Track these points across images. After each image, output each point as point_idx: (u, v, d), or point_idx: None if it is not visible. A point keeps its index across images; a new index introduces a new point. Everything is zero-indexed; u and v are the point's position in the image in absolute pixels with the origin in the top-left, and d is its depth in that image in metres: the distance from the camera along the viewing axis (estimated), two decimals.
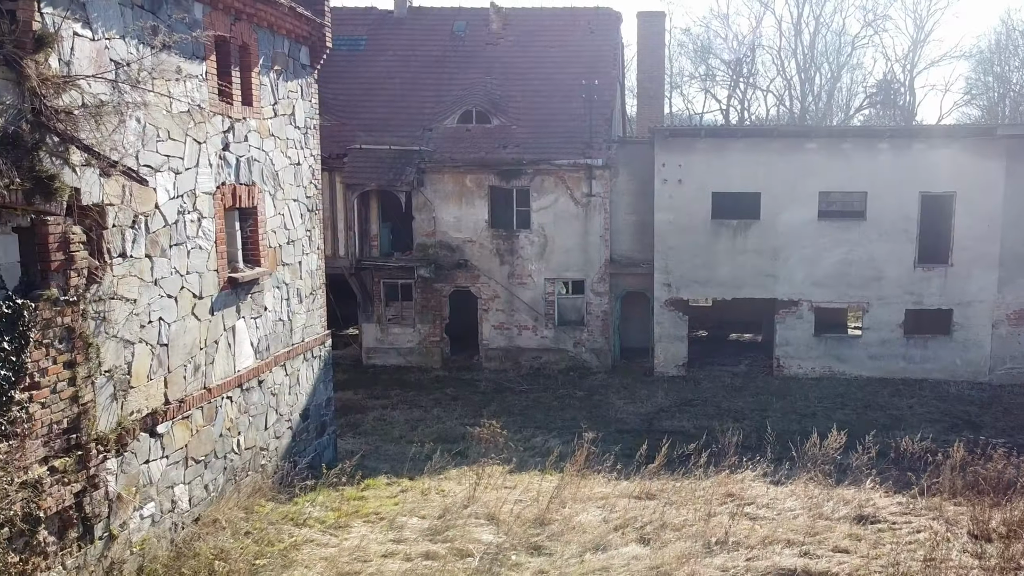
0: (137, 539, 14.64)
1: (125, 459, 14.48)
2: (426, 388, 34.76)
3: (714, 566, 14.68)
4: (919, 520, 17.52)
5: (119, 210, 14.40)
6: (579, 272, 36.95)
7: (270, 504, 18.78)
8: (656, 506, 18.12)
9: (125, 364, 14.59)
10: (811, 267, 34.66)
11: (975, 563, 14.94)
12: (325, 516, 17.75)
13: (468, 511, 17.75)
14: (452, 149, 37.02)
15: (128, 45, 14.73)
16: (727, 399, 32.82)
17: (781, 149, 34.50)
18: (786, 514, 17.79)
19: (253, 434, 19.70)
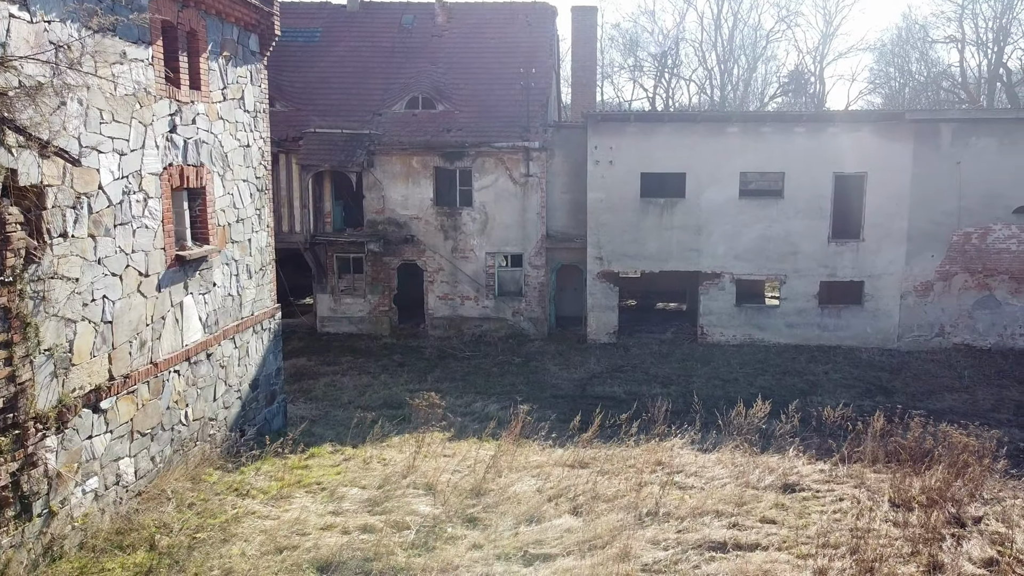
0: (79, 514, 13.53)
1: (66, 436, 13.34)
2: (375, 355, 33.74)
3: (646, 539, 13.71)
4: (842, 488, 16.71)
5: (59, 191, 13.21)
6: (518, 247, 35.99)
7: (217, 473, 17.70)
8: (589, 475, 17.19)
9: (66, 342, 13.43)
10: (732, 242, 33.95)
11: (899, 533, 14.20)
12: (268, 486, 16.65)
13: (407, 481, 16.74)
14: (400, 133, 35.85)
15: (68, 28, 13.53)
16: (655, 365, 32.08)
17: (704, 133, 33.69)
18: (714, 483, 16.91)
19: (202, 405, 18.57)
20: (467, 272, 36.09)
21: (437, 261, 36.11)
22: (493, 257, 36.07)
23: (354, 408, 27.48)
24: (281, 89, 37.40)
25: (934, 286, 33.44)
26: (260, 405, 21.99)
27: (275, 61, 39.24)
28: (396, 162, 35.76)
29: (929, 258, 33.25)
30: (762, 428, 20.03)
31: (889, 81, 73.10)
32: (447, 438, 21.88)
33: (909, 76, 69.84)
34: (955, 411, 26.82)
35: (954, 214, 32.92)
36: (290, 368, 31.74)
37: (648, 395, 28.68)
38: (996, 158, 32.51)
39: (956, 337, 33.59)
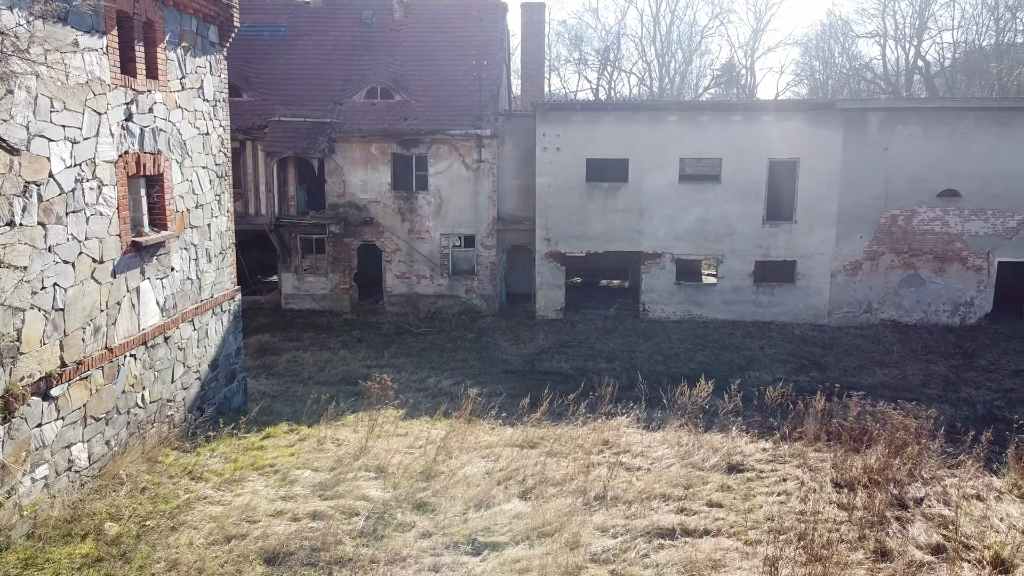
0: (27, 503, 12.59)
1: (13, 425, 12.36)
2: (336, 331, 32.78)
3: (594, 525, 12.89)
4: (785, 468, 16.06)
5: (5, 179, 12.20)
6: (470, 228, 35.09)
7: (174, 454, 16.71)
8: (538, 456, 16.41)
9: (14, 331, 12.42)
10: (672, 224, 33.27)
11: (844, 516, 13.52)
12: (223, 468, 15.70)
13: (359, 463, 15.87)
14: (360, 121, 34.76)
15: (15, 15, 12.48)
16: (600, 340, 31.40)
17: (646, 121, 32.91)
18: (661, 464, 16.20)
19: (159, 387, 17.60)
20: (423, 252, 35.17)
21: (395, 242, 35.14)
22: (447, 238, 35.14)
23: (313, 384, 26.61)
24: (248, 80, 36.17)
25: (862, 265, 33.00)
26: (220, 384, 21.03)
27: (242, 54, 38.07)
28: (356, 149, 34.69)
29: (858, 239, 32.79)
30: (705, 407, 19.38)
31: (813, 74, 72.82)
32: (400, 416, 21.09)
33: (833, 69, 69.46)
34: (886, 386, 26.41)
35: (881, 197, 32.45)
36: (254, 344, 30.78)
37: (594, 371, 28.08)
38: (921, 145, 32.04)
39: (883, 313, 33.21)
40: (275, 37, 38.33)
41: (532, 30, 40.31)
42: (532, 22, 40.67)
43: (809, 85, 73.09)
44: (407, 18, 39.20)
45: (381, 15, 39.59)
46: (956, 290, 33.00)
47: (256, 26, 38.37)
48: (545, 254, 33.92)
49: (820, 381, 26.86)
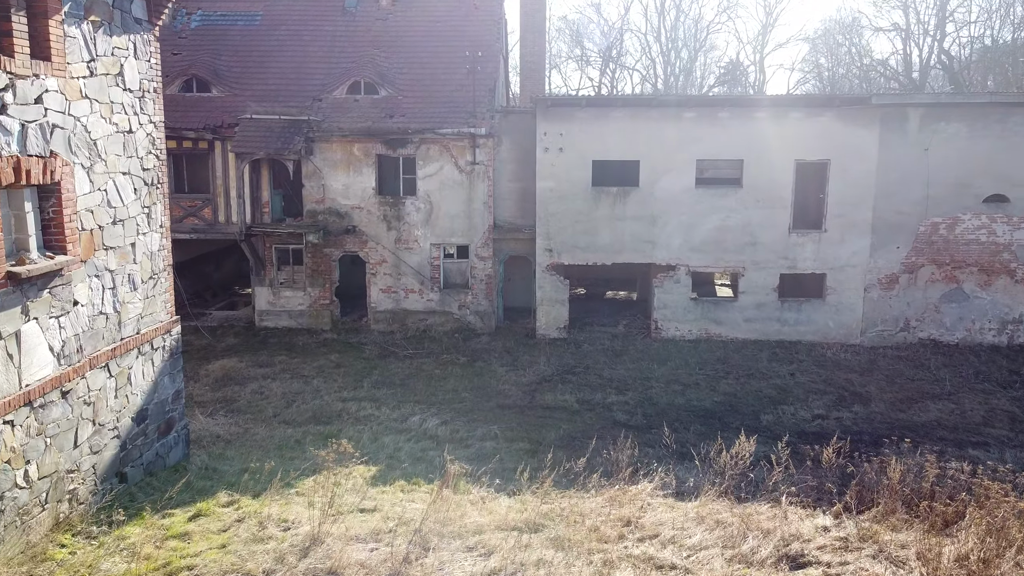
0: None
1: None
2: (312, 353, 28.29)
3: None
4: (858, 560, 11.72)
5: None
6: (464, 237, 30.59)
7: (73, 543, 12.37)
8: (541, 547, 12.01)
9: None
10: (688, 233, 28.83)
11: None
12: (124, 573, 11.40)
13: (305, 566, 11.51)
14: (341, 119, 30.29)
15: None
16: (609, 365, 26.91)
17: (659, 118, 28.47)
18: (699, 557, 11.83)
19: (53, 458, 13.13)
20: (411, 264, 30.73)
21: (380, 252, 30.70)
22: (438, 248, 30.64)
23: (278, 423, 22.16)
24: (218, 74, 31.68)
25: (899, 279, 28.55)
26: (150, 439, 16.55)
27: (213, 45, 33.48)
28: (337, 149, 30.24)
29: (894, 249, 28.34)
30: (746, 464, 14.96)
31: (820, 71, 67.72)
32: (372, 476, 16.64)
33: (840, 65, 64.53)
34: (944, 425, 21.98)
35: (921, 203, 27.99)
36: (217, 372, 26.29)
37: (603, 404, 23.64)
38: (966, 144, 27.56)
39: (922, 332, 28.74)
40: (249, 27, 33.73)
41: (533, 21, 35.68)
42: (533, 12, 36.04)
43: (816, 83, 67.95)
44: (395, 6, 34.44)
45: (366, 3, 34.80)
46: (1003, 306, 28.52)
47: (229, 15, 33.89)
48: (547, 266, 29.48)
49: (866, 418, 22.51)
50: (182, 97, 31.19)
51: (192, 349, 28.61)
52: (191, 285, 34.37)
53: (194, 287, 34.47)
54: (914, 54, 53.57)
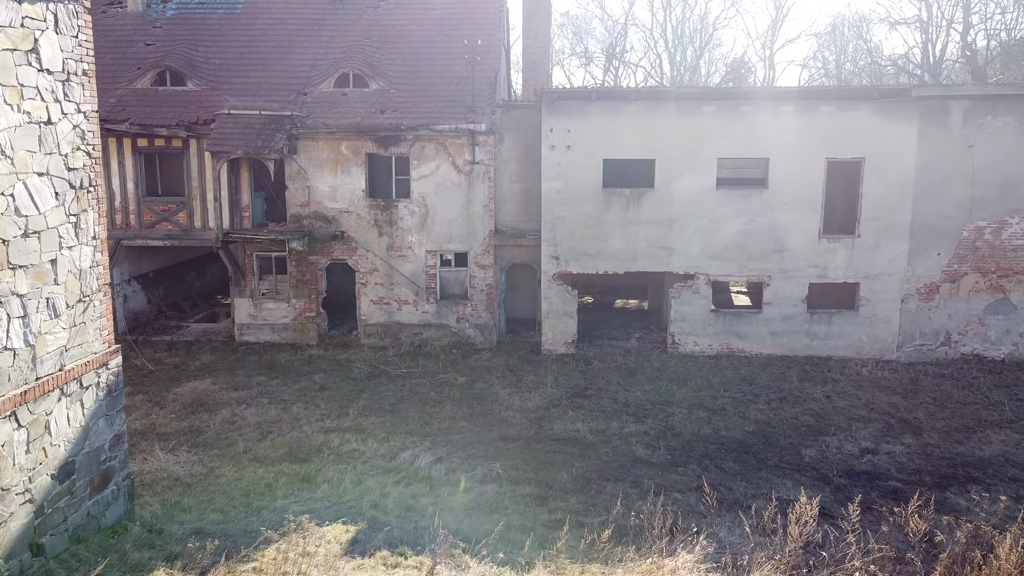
0: None
1: None
2: (295, 373, 24.27)
3: None
4: None
5: None
6: (462, 244, 26.50)
7: None
8: None
9: None
10: (709, 238, 24.82)
11: None
12: None
13: None
14: (327, 114, 26.27)
15: None
16: (623, 386, 22.91)
17: (677, 112, 24.48)
18: None
19: None
20: (405, 273, 26.79)
21: (371, 260, 26.76)
22: (434, 256, 26.55)
23: (249, 461, 18.19)
24: (194, 66, 27.70)
25: (940, 288, 24.62)
26: (78, 498, 12.62)
27: (190, 35, 29.31)
28: (323, 148, 26.27)
29: (935, 256, 24.39)
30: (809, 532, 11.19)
31: (827, 67, 63.00)
32: (348, 542, 12.77)
33: (859, 60, 59.70)
34: (1014, 461, 17.99)
35: (964, 206, 24.03)
36: (187, 395, 22.35)
37: (620, 435, 19.71)
38: (1015, 140, 23.58)
39: (964, 346, 24.78)
40: (230, 15, 29.62)
41: (537, 9, 31.54)
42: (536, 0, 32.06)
43: (824, 81, 62.65)
44: None
45: None
46: None
47: (207, 2, 29.87)
48: (553, 275, 25.54)
49: (920, 452, 18.63)
50: (154, 91, 27.18)
51: (162, 368, 24.66)
52: (168, 294, 30.39)
53: (172, 297, 30.49)
54: (938, 46, 49.51)
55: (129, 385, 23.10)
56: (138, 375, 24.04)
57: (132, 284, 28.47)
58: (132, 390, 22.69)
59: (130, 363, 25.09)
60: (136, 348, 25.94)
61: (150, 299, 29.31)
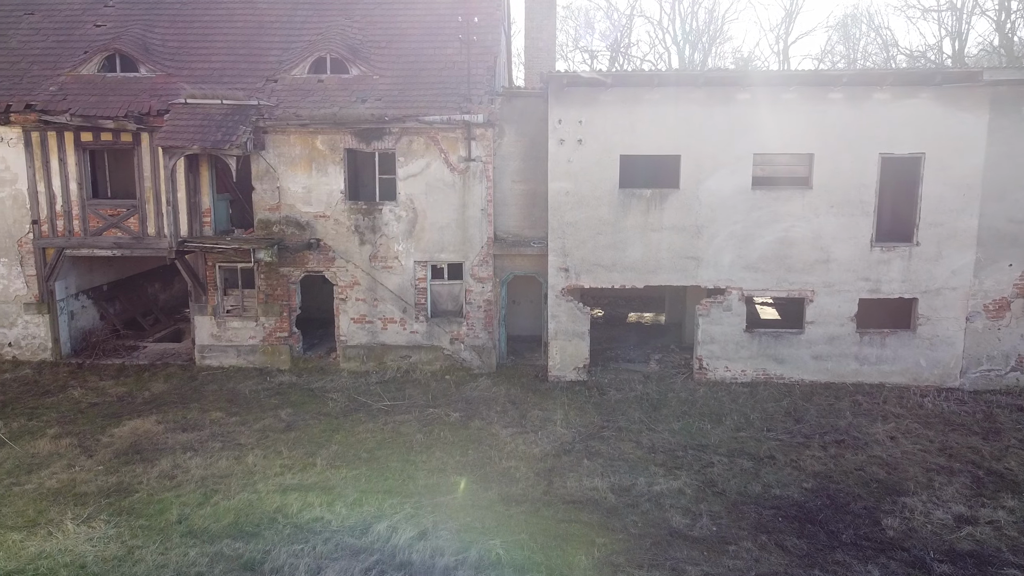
0: None
1: None
2: (258, 407, 18.89)
3: None
4: None
5: None
6: (456, 254, 21.38)
7: None
8: None
9: None
10: (742, 247, 19.80)
11: None
12: None
13: None
14: (299, 104, 21.14)
15: None
16: (647, 424, 17.77)
17: (707, 101, 19.43)
18: None
19: None
20: (390, 287, 21.74)
21: (351, 272, 21.68)
22: (424, 267, 21.43)
23: (181, 536, 13.06)
24: (148, 49, 22.56)
25: (1012, 305, 19.76)
26: None
27: (145, 15, 23.52)
28: (295, 143, 21.16)
29: (1005, 268, 19.40)
30: None
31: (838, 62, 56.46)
32: None
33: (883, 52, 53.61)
34: None
35: None
36: (125, 438, 17.12)
37: (649, 496, 14.72)
38: None
39: None
40: None
41: None
42: None
43: None
44: None
45: None
46: None
47: None
48: (562, 290, 20.54)
49: None
50: (101, 78, 21.97)
51: (104, 402, 19.45)
52: (125, 309, 25.23)
53: (130, 312, 25.37)
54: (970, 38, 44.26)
55: (59, 425, 18.00)
56: (73, 410, 18.92)
57: (80, 299, 23.29)
58: (60, 431, 17.56)
59: (68, 394, 20.10)
60: (77, 376, 20.99)
61: (103, 315, 24.15)
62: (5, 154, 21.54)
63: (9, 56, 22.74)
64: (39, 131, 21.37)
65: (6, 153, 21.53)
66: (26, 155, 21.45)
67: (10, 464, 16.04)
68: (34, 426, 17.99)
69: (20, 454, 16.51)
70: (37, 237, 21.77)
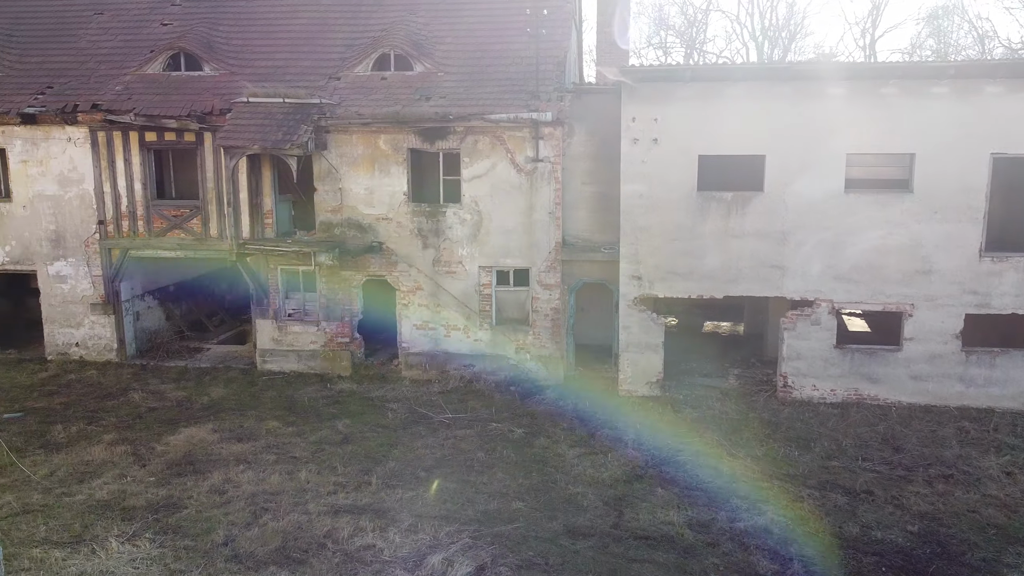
0: None
1: None
2: (316, 416, 17.72)
3: None
4: None
5: None
6: (522, 259, 19.83)
7: None
8: None
9: None
10: (833, 256, 17.68)
11: None
12: None
13: None
14: (361, 102, 19.89)
15: None
16: (727, 448, 15.75)
17: (795, 96, 17.34)
18: None
19: None
20: (454, 293, 20.41)
21: (413, 277, 20.41)
22: (489, 273, 19.95)
23: (225, 561, 11.95)
24: (213, 48, 21.69)
25: None
26: None
27: (210, 14, 22.46)
28: (357, 142, 19.97)
29: None
30: None
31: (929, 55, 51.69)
32: None
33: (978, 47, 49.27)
34: None
35: None
36: (180, 447, 16.10)
37: (730, 533, 12.92)
38: None
39: None
40: None
41: None
42: None
43: None
44: None
45: None
46: None
47: None
48: (634, 299, 18.82)
49: None
50: (166, 77, 21.19)
51: (163, 407, 18.64)
52: (192, 310, 24.56)
53: (195, 313, 24.65)
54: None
55: (116, 430, 17.23)
56: (132, 415, 18.14)
57: (146, 299, 22.63)
58: (116, 437, 16.77)
59: (128, 398, 19.36)
60: (139, 379, 20.26)
61: (169, 316, 23.48)
62: (73, 154, 20.94)
63: (78, 56, 22.15)
64: (105, 131, 20.67)
65: (74, 153, 20.93)
66: (92, 155, 20.81)
67: (64, 471, 15.23)
68: (92, 431, 17.22)
69: (75, 461, 15.74)
70: (103, 237, 21.12)
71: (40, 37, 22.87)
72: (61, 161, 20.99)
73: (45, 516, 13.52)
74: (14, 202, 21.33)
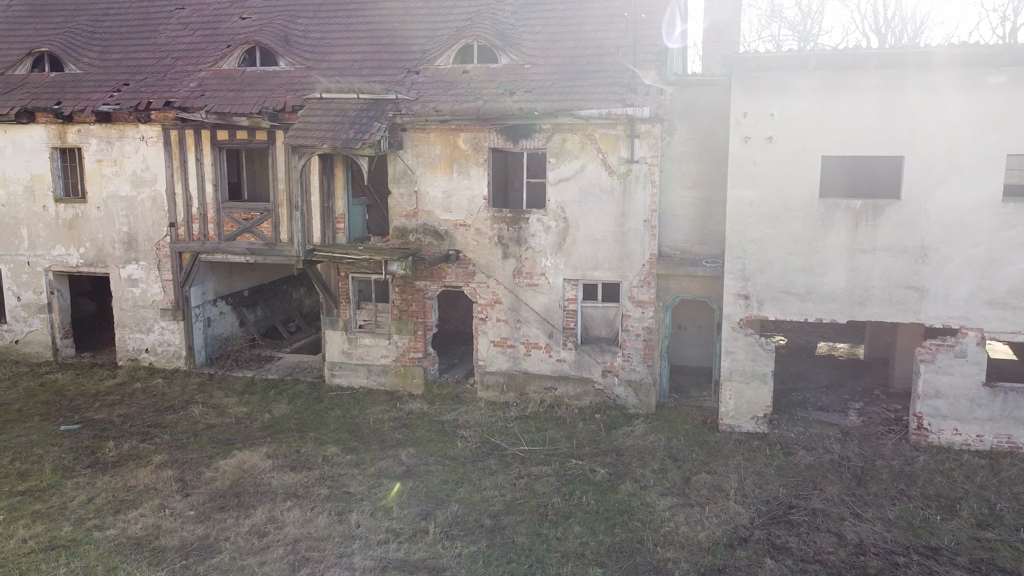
0: None
1: None
2: (380, 443, 15.30)
3: None
4: None
5: None
6: (613, 272, 16.94)
7: None
8: None
9: None
10: (985, 276, 14.25)
11: None
12: None
13: None
14: (440, 97, 17.47)
15: None
16: (851, 508, 12.60)
17: (939, 86, 13.91)
18: None
19: None
20: (535, 307, 17.75)
21: (492, 289, 17.84)
22: (575, 286, 17.17)
23: None
24: (289, 41, 19.70)
25: None
26: None
27: (290, 5, 20.50)
28: (435, 141, 17.58)
29: None
30: None
31: None
32: None
33: None
34: None
35: None
36: (229, 474, 13.96)
37: None
38: None
39: None
40: None
41: None
42: None
43: None
44: None
45: None
46: None
47: None
48: (740, 321, 15.77)
49: None
50: (240, 72, 19.30)
51: (221, 424, 16.72)
52: (267, 316, 22.73)
53: (270, 319, 22.81)
54: None
55: (167, 451, 15.36)
56: (188, 432, 16.29)
57: (219, 304, 20.87)
58: (167, 459, 14.87)
59: (188, 412, 17.55)
60: (206, 390, 18.45)
61: (243, 322, 21.71)
62: (146, 153, 19.30)
63: (156, 52, 20.55)
64: (177, 129, 18.92)
65: (147, 152, 19.29)
66: (165, 155, 19.11)
67: (103, 498, 13.37)
68: (143, 449, 15.38)
69: (118, 486, 13.87)
70: (174, 240, 19.44)
71: (122, 33, 21.41)
72: (134, 161, 19.39)
73: (69, 555, 11.61)
74: (89, 203, 19.85)
